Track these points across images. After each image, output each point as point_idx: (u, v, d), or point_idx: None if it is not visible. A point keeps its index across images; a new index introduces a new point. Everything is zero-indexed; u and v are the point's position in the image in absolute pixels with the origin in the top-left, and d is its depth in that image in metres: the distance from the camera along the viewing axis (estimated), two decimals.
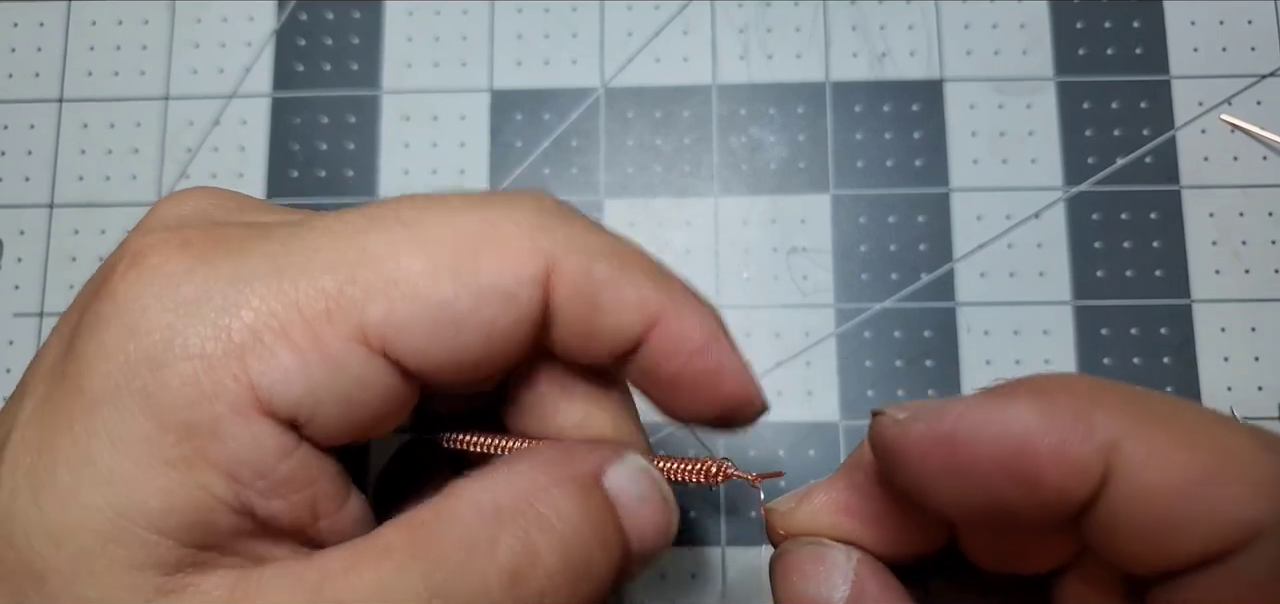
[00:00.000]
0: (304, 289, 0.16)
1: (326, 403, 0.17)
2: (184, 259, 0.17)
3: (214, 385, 0.16)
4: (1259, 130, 0.34)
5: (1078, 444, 0.15)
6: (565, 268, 0.18)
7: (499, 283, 0.17)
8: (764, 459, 0.33)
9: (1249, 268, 0.33)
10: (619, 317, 0.19)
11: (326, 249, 0.17)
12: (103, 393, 0.16)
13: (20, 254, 0.35)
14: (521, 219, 0.18)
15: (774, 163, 0.35)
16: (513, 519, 0.17)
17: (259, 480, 0.16)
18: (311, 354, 0.16)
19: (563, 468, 0.18)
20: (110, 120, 0.36)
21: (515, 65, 0.36)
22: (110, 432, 0.16)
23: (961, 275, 0.34)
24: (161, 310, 0.16)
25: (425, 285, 0.17)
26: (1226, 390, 0.32)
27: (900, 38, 0.35)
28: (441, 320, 0.17)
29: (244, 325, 0.16)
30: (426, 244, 0.17)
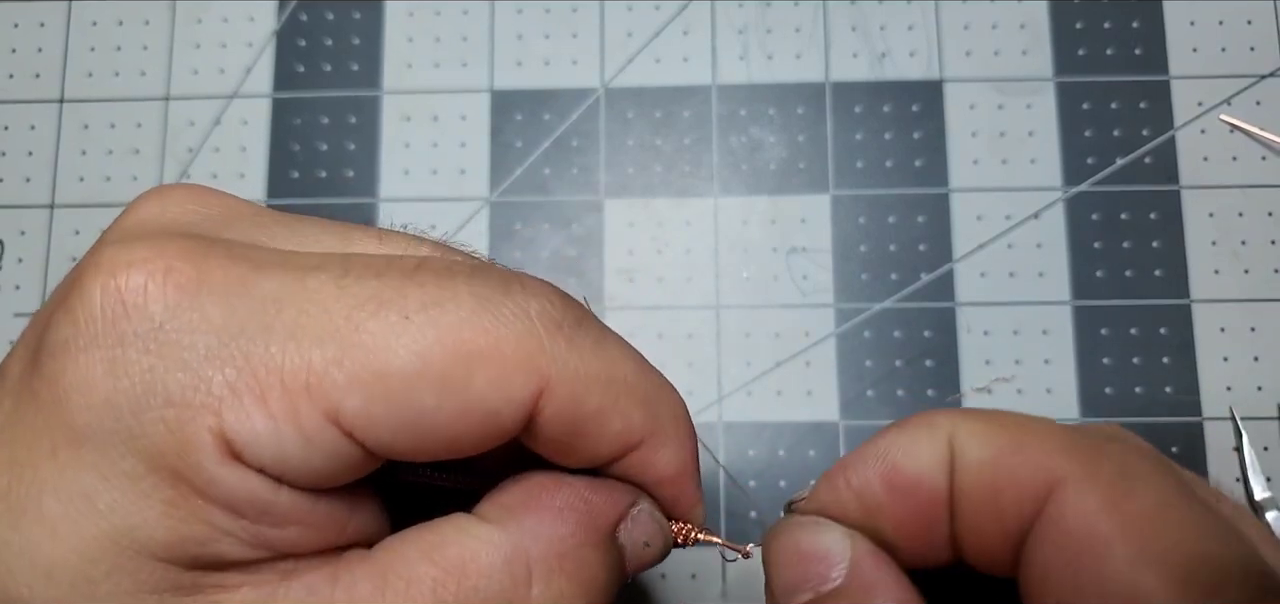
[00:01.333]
0: (290, 358, 0.16)
1: (295, 468, 0.16)
2: (167, 293, 0.16)
3: (195, 435, 0.16)
4: (1258, 130, 0.34)
5: (926, 441, 0.18)
6: (556, 393, 0.17)
7: (485, 402, 0.17)
8: (764, 459, 0.33)
9: (1248, 268, 0.33)
10: (598, 446, 0.19)
11: (319, 320, 0.16)
12: (86, 428, 0.16)
13: (21, 254, 0.35)
14: (523, 333, 0.17)
15: (774, 163, 0.35)
16: (547, 578, 0.17)
17: (262, 515, 0.16)
18: (285, 425, 0.16)
19: (587, 522, 0.18)
20: (111, 120, 0.36)
21: (515, 65, 0.36)
22: (101, 469, 0.15)
23: (961, 275, 0.34)
24: (143, 351, 0.16)
25: (406, 391, 0.16)
26: (1226, 390, 0.32)
27: (900, 38, 0.35)
28: (414, 425, 0.16)
29: (224, 380, 0.16)
30: (421, 350, 0.16)
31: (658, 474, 0.20)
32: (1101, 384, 0.33)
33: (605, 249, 0.34)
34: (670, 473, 0.20)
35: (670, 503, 0.20)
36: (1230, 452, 0.32)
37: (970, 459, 0.18)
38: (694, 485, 0.20)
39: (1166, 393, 0.33)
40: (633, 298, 0.34)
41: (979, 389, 0.33)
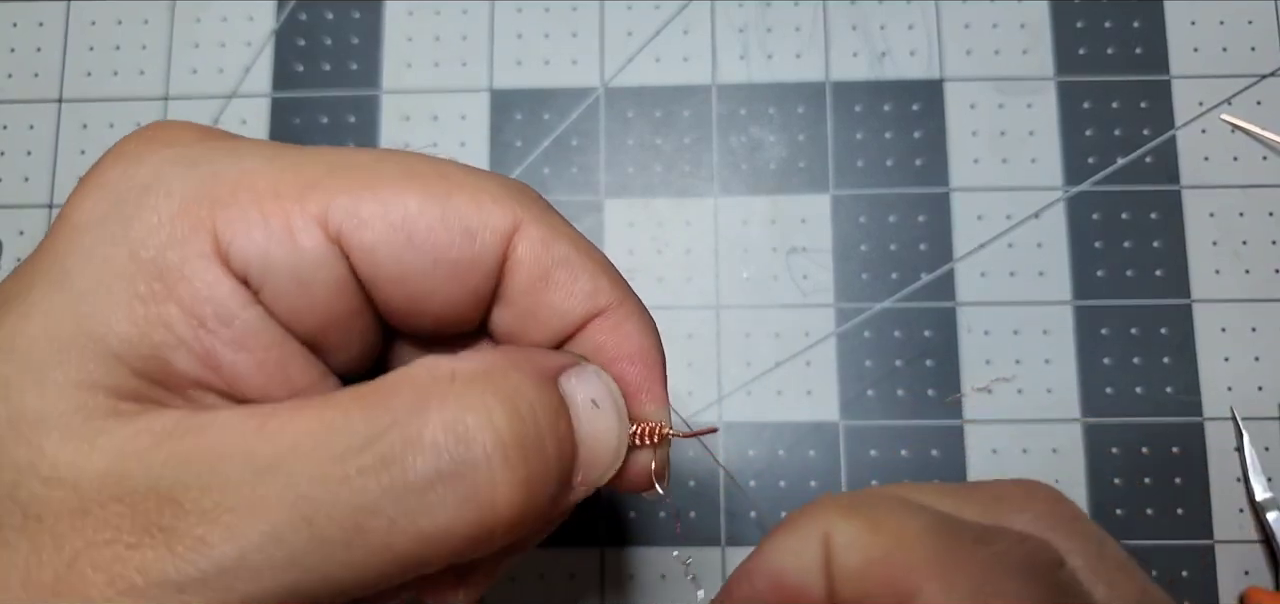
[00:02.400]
0: (288, 172, 0.17)
1: (279, 273, 0.17)
2: (194, 134, 0.18)
3: (185, 228, 0.16)
4: (1259, 130, 0.34)
5: (808, 544, 0.18)
6: (529, 233, 0.18)
7: (463, 217, 0.18)
8: (763, 460, 0.33)
9: (1249, 268, 0.33)
10: (567, 299, 0.19)
11: (321, 152, 0.18)
12: (89, 220, 0.17)
13: (20, 254, 0.35)
14: (500, 183, 0.19)
15: (774, 163, 0.35)
16: (469, 381, 0.17)
17: (222, 327, 0.17)
18: (276, 221, 0.17)
19: (523, 359, 0.18)
20: (110, 120, 0.36)
21: (515, 65, 0.36)
22: (87, 252, 0.16)
23: (961, 275, 0.34)
24: (160, 161, 0.17)
25: (394, 194, 0.17)
26: (1227, 390, 0.32)
27: (900, 37, 0.35)
28: (398, 228, 0.17)
29: (225, 182, 0.17)
30: (407, 166, 0.18)
31: (623, 347, 0.19)
32: (1102, 384, 0.33)
33: (605, 249, 0.34)
34: (635, 346, 0.20)
35: (636, 385, 0.20)
36: (1231, 452, 0.32)
37: (843, 566, 0.18)
38: (662, 382, 0.20)
39: (1167, 393, 0.33)
40: None
41: (979, 389, 0.33)
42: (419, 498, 0.15)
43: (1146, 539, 0.32)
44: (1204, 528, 0.32)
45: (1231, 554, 0.31)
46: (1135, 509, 0.32)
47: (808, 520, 0.19)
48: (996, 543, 0.18)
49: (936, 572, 0.17)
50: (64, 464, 0.15)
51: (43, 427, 0.15)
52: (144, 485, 0.15)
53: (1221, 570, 0.31)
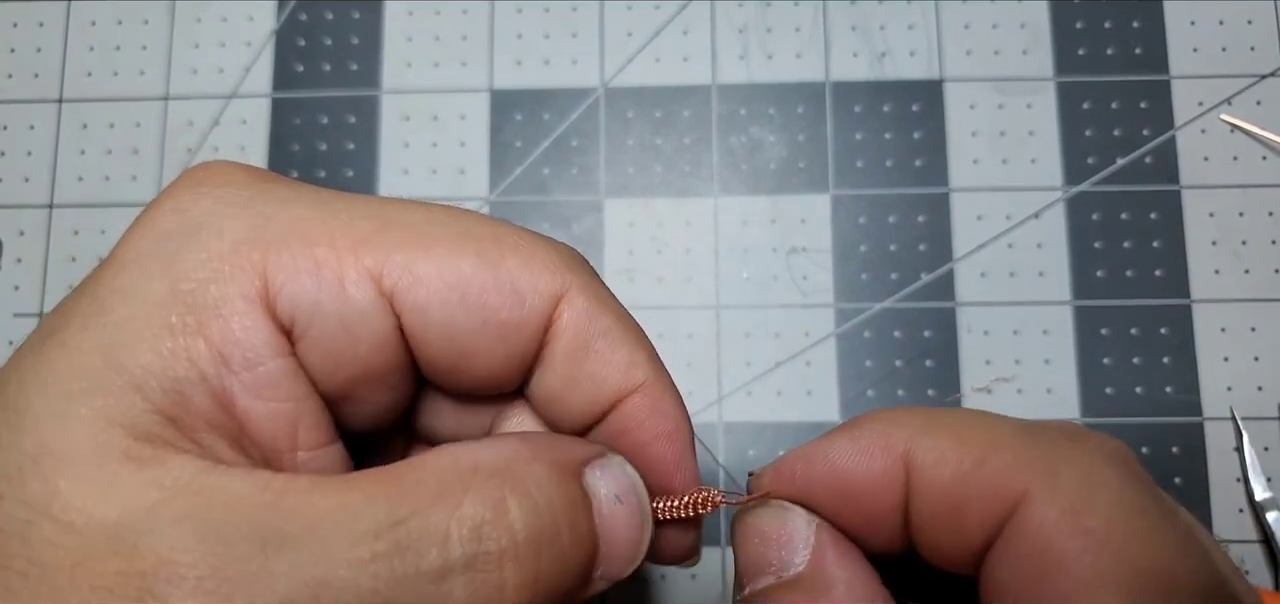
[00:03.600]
0: (341, 222, 0.18)
1: (326, 322, 0.17)
2: (246, 176, 0.18)
3: (233, 268, 0.17)
4: (1259, 130, 0.34)
5: (880, 455, 0.19)
6: (574, 301, 0.19)
7: (515, 280, 0.18)
8: (764, 460, 0.33)
9: (1249, 268, 0.33)
10: (606, 369, 0.19)
11: (372, 205, 0.18)
12: (134, 256, 0.17)
13: (20, 254, 0.35)
14: (552, 249, 0.19)
15: (774, 163, 0.35)
16: (489, 478, 0.17)
17: (245, 371, 0.17)
18: (327, 272, 0.17)
19: (546, 449, 0.18)
20: (110, 120, 0.36)
21: (515, 65, 0.36)
22: (127, 289, 0.16)
23: (961, 275, 0.34)
24: (213, 202, 0.17)
25: (447, 254, 0.18)
26: (1226, 390, 0.32)
27: (900, 38, 0.35)
28: (453, 288, 0.18)
29: (276, 226, 0.17)
30: (461, 228, 0.18)
31: (660, 423, 0.20)
32: (1102, 384, 0.33)
33: (605, 249, 0.34)
34: (670, 426, 0.20)
35: (672, 464, 0.20)
36: (1230, 452, 0.32)
37: (931, 479, 0.18)
38: (692, 459, 0.20)
39: (1167, 393, 0.33)
40: (633, 298, 0.34)
41: (979, 389, 0.33)
42: (430, 587, 0.16)
43: None
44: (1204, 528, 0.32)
45: (1231, 554, 0.31)
46: None
47: (879, 432, 0.19)
48: (1086, 441, 0.19)
49: (1041, 470, 0.17)
50: (75, 509, 0.15)
51: (60, 464, 0.15)
52: (147, 543, 0.15)
53: None
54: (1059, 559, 0.17)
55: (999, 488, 0.17)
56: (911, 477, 0.18)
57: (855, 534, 0.19)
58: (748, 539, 0.20)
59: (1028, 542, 0.17)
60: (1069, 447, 0.18)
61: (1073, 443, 0.18)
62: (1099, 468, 0.18)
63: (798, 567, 0.19)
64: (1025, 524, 0.17)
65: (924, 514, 0.18)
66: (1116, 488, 0.17)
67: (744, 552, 0.20)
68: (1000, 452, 0.18)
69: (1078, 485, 0.17)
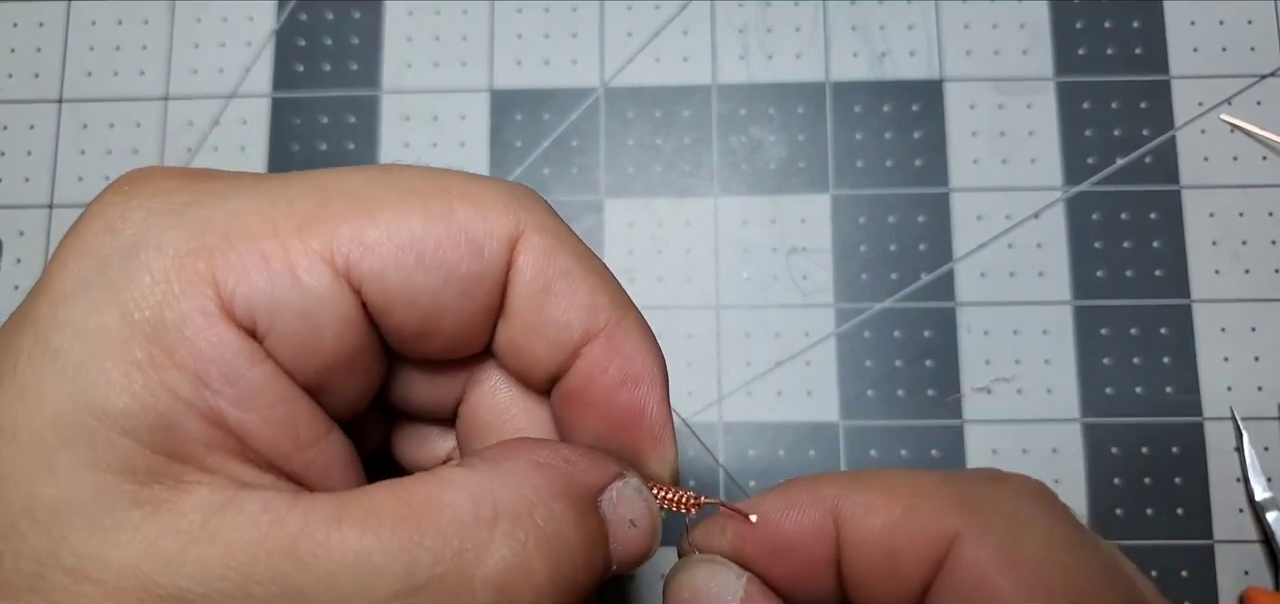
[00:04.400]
0: (282, 208, 0.17)
1: (286, 316, 0.16)
2: (176, 180, 0.17)
3: (182, 284, 0.16)
4: (1259, 130, 0.34)
5: (810, 509, 0.19)
6: (531, 241, 0.18)
7: (468, 230, 0.17)
8: (764, 460, 0.33)
9: (1249, 268, 0.33)
10: (567, 312, 0.19)
11: (309, 181, 0.17)
12: (72, 287, 0.16)
13: (20, 255, 0.35)
14: (500, 189, 0.18)
15: (774, 163, 0.35)
16: (512, 527, 0.16)
17: (228, 386, 0.16)
18: (277, 262, 0.16)
19: (564, 478, 0.18)
20: (110, 120, 0.36)
21: (515, 65, 0.36)
22: (76, 325, 0.15)
23: (961, 275, 0.34)
24: (146, 214, 0.16)
25: (397, 216, 0.17)
26: (1226, 390, 0.32)
27: (900, 38, 0.35)
28: (407, 249, 0.17)
29: (217, 229, 0.16)
30: (404, 185, 0.17)
31: (622, 367, 0.19)
32: (1102, 384, 0.33)
33: (605, 249, 0.34)
34: (636, 367, 0.19)
35: (636, 413, 0.19)
36: (1230, 452, 0.32)
37: (862, 529, 0.19)
38: (661, 398, 0.20)
39: (1167, 393, 0.33)
40: (633, 298, 0.34)
41: (979, 389, 0.33)
42: None
43: (1146, 539, 0.32)
44: (1204, 528, 0.32)
45: (1231, 554, 0.31)
46: (1135, 509, 0.32)
47: (808, 489, 0.19)
48: (1008, 481, 0.19)
49: (970, 512, 0.18)
50: (89, 557, 0.15)
51: (63, 516, 0.15)
52: (168, 591, 0.15)
53: (1221, 570, 0.31)
54: (994, 594, 0.17)
55: (930, 532, 0.18)
56: (843, 529, 0.19)
57: (788, 589, 0.20)
58: (679, 594, 0.20)
59: (962, 580, 0.18)
60: (993, 488, 0.19)
61: (996, 485, 0.19)
62: (1024, 505, 0.19)
63: None
64: (959, 563, 0.18)
65: (858, 565, 0.19)
66: (1042, 523, 0.18)
67: (674, 601, 0.20)
68: (927, 499, 0.18)
69: (1006, 523, 0.18)
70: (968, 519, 0.18)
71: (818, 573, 0.19)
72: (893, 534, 0.18)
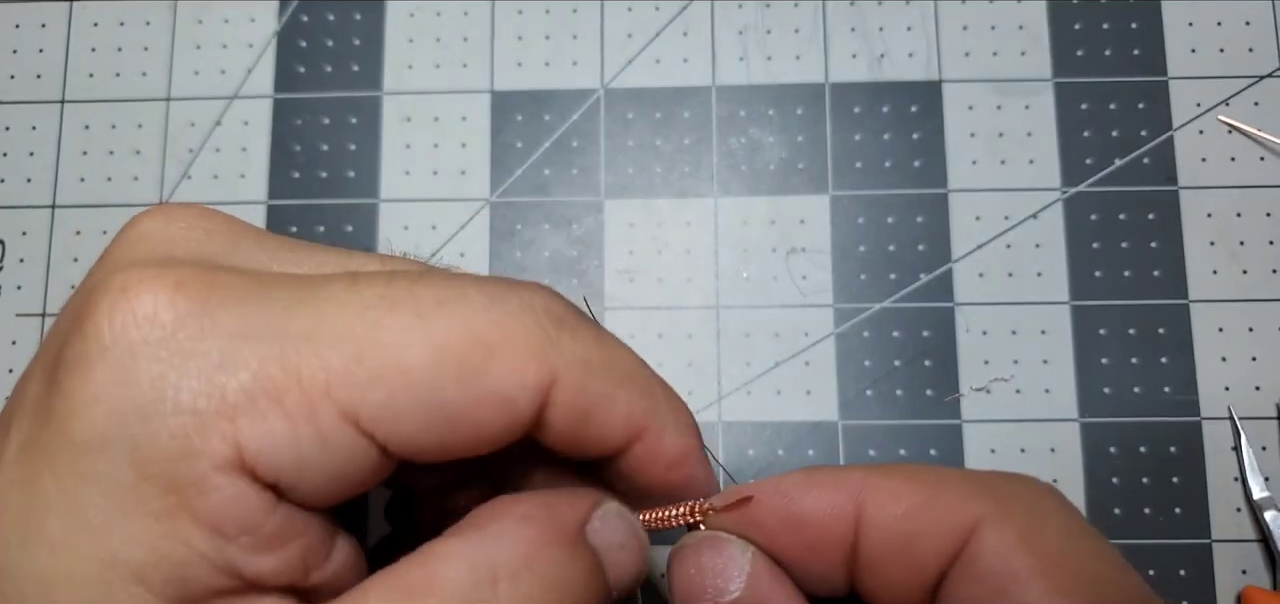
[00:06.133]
0: (307, 360, 0.16)
1: (311, 474, 0.16)
2: (179, 304, 0.16)
3: (202, 443, 0.15)
4: (1256, 131, 0.34)
5: (832, 490, 0.19)
6: (564, 382, 0.18)
7: (502, 389, 0.17)
8: (764, 459, 0.33)
9: (1247, 268, 0.33)
10: (606, 430, 0.19)
11: (334, 322, 0.16)
12: (91, 440, 0.16)
13: (22, 255, 0.35)
14: (533, 327, 0.18)
15: (773, 163, 0.35)
16: (512, 583, 0.17)
17: (244, 536, 0.16)
18: (304, 426, 0.16)
19: (550, 525, 0.18)
20: (112, 121, 0.36)
21: (516, 66, 0.36)
22: (99, 481, 0.15)
23: (960, 275, 0.34)
24: (154, 359, 0.16)
25: (429, 381, 0.16)
26: (1224, 390, 0.33)
27: (899, 39, 0.35)
28: (438, 417, 0.17)
29: (240, 386, 0.16)
30: (438, 342, 0.17)
31: (666, 458, 0.20)
32: (1100, 384, 0.33)
33: (605, 249, 0.34)
34: (676, 454, 0.20)
35: (684, 488, 0.20)
36: (1229, 452, 0.32)
37: (884, 516, 0.19)
38: (704, 465, 0.21)
39: (1165, 393, 0.33)
40: (633, 298, 0.34)
41: (978, 389, 0.33)
42: None
43: (1144, 538, 0.32)
44: (1201, 527, 0.32)
45: (1229, 553, 0.32)
46: (1133, 508, 0.32)
47: (833, 471, 0.20)
48: (1023, 479, 0.20)
49: (992, 501, 0.19)
50: None
51: None
52: None
53: (1219, 570, 0.31)
54: (1016, 579, 0.18)
55: (952, 518, 0.19)
56: (865, 512, 0.19)
57: (795, 565, 0.20)
58: (684, 568, 0.20)
59: (985, 564, 0.18)
60: (1010, 484, 0.20)
61: (1012, 482, 0.20)
62: (1041, 499, 0.19)
63: (733, 593, 0.20)
64: (981, 547, 0.18)
65: (877, 549, 0.19)
66: (1060, 515, 0.19)
67: (680, 580, 0.20)
68: (950, 488, 0.19)
69: (1027, 513, 0.19)
70: (990, 506, 0.19)
71: (829, 552, 0.20)
72: (915, 518, 0.19)
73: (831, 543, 0.20)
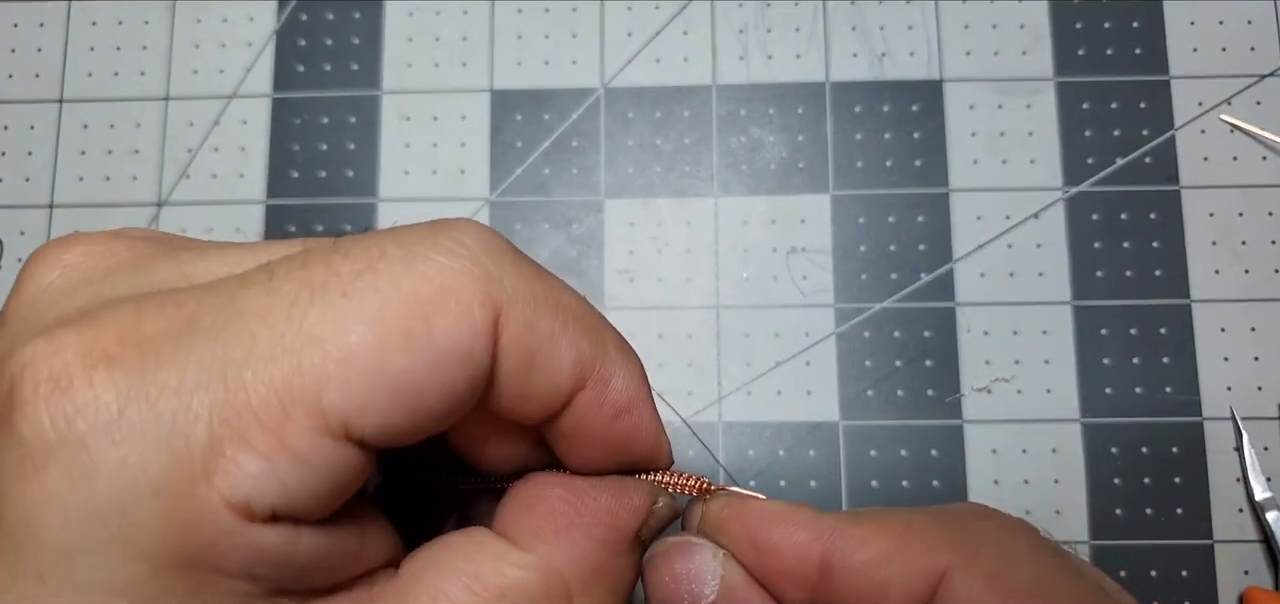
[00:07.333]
0: (253, 388, 0.15)
1: (300, 496, 0.16)
2: (117, 381, 0.15)
3: (193, 514, 0.15)
4: (1258, 130, 0.34)
5: (806, 524, 0.19)
6: (510, 317, 0.17)
7: (453, 342, 0.16)
8: (763, 459, 0.33)
9: (1248, 268, 0.33)
10: (553, 376, 0.18)
11: (265, 334, 0.15)
12: (70, 542, 0.15)
13: (21, 254, 0.35)
14: (467, 267, 0.17)
15: (774, 163, 0.35)
16: (583, 593, 0.18)
17: (283, 568, 0.16)
18: (278, 456, 0.15)
19: (615, 535, 0.19)
20: (110, 121, 0.36)
21: (515, 65, 0.36)
22: (99, 581, 0.15)
23: (961, 275, 0.34)
24: (110, 445, 0.15)
25: (377, 361, 0.16)
26: (1226, 390, 0.32)
27: (900, 38, 0.35)
28: (399, 393, 0.16)
29: (202, 443, 0.15)
30: (373, 316, 0.16)
31: (612, 405, 0.19)
32: (1101, 384, 0.33)
33: (605, 249, 0.34)
34: (625, 399, 0.19)
35: (630, 437, 0.20)
36: (1230, 452, 0.32)
37: (852, 563, 0.19)
38: (652, 415, 0.20)
39: (1166, 393, 0.33)
40: (633, 298, 0.34)
41: (979, 389, 0.33)
42: None
43: (1146, 539, 0.32)
44: (1203, 528, 0.32)
45: (1231, 554, 0.31)
46: (1135, 509, 0.32)
47: (809, 517, 0.20)
48: (995, 517, 0.20)
49: (960, 546, 0.19)
50: None
51: None
52: None
53: (1221, 570, 0.31)
54: None
55: (920, 567, 0.18)
56: (834, 557, 0.19)
57: (767, 586, 0.20)
58: (657, 574, 0.20)
59: None
60: (980, 524, 0.19)
61: (983, 521, 0.20)
62: (1011, 538, 0.19)
63: (708, 597, 0.20)
64: (951, 596, 0.18)
65: (846, 594, 0.19)
66: (1030, 554, 0.19)
67: (655, 586, 0.20)
68: (918, 534, 0.19)
69: (996, 557, 0.19)
70: (958, 552, 0.18)
71: (794, 587, 0.20)
72: (883, 567, 0.19)
73: (794, 578, 0.20)
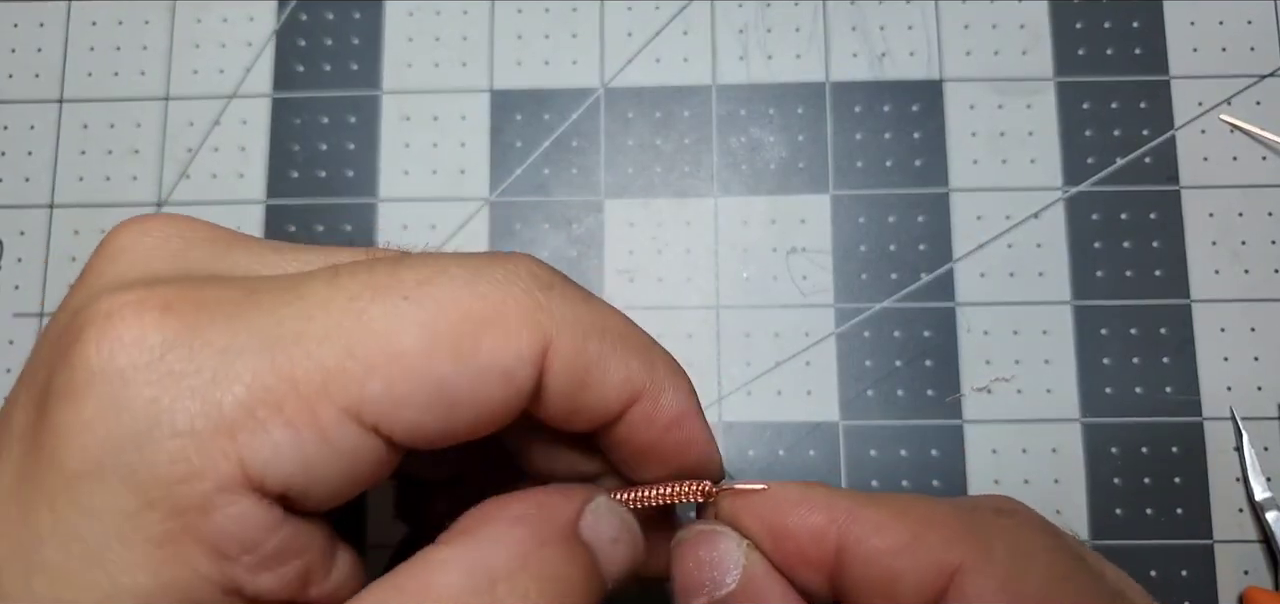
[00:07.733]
0: (300, 363, 0.16)
1: (320, 477, 0.16)
2: (167, 326, 0.16)
3: (203, 463, 0.15)
4: (1258, 130, 0.34)
5: (822, 508, 0.20)
6: (559, 347, 0.18)
7: (498, 362, 0.17)
8: (764, 459, 0.33)
9: (1248, 268, 0.33)
10: (604, 394, 0.19)
11: (322, 319, 0.16)
12: (84, 468, 0.15)
13: (20, 254, 0.35)
14: (521, 295, 0.18)
15: (774, 163, 0.35)
16: (510, 585, 0.17)
17: (246, 556, 0.16)
18: (306, 431, 0.16)
19: (543, 524, 0.18)
20: (110, 121, 0.36)
21: (515, 65, 0.36)
22: (97, 510, 0.15)
23: (961, 275, 0.34)
24: (145, 383, 0.15)
25: (424, 364, 0.16)
26: (1226, 390, 0.32)
27: (900, 38, 0.35)
28: (438, 398, 0.17)
29: (236, 400, 0.15)
30: (428, 322, 0.17)
31: (664, 419, 0.20)
32: (1101, 384, 0.33)
33: (605, 249, 0.34)
34: (674, 414, 0.20)
35: (682, 449, 0.20)
36: (1230, 452, 0.32)
37: (866, 548, 0.19)
38: (702, 426, 0.20)
39: (1166, 393, 0.33)
40: (633, 298, 0.34)
41: (979, 389, 0.33)
42: None
43: (1146, 539, 0.32)
44: (1203, 528, 0.32)
45: (1231, 554, 0.31)
46: (1135, 509, 0.32)
47: (825, 497, 0.20)
48: (1015, 514, 0.20)
49: (975, 544, 0.18)
50: None
51: None
52: None
53: (1221, 570, 0.31)
54: None
55: (933, 562, 0.19)
56: (848, 540, 0.19)
57: (784, 571, 0.20)
58: (683, 561, 0.20)
59: None
60: (998, 521, 0.19)
61: (1001, 517, 0.19)
62: (1028, 539, 0.19)
63: (729, 586, 0.20)
64: (961, 595, 0.18)
65: (860, 578, 0.19)
66: (1045, 557, 0.19)
67: (680, 573, 0.20)
68: (935, 528, 0.19)
69: (1010, 557, 0.18)
70: (972, 549, 0.18)
71: (811, 570, 0.20)
72: (898, 557, 0.19)
73: (812, 562, 0.20)
